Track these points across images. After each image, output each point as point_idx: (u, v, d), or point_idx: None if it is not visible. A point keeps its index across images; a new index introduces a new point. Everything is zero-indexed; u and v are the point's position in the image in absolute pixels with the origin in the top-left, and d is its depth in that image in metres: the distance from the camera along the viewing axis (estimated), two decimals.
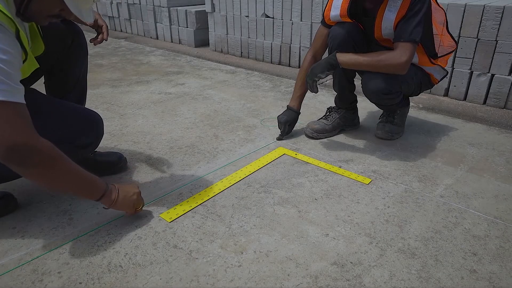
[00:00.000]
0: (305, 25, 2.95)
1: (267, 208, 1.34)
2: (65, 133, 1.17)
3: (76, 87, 1.45)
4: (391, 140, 1.84)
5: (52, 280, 1.02)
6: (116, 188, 1.15)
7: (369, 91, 1.63)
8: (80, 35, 1.39)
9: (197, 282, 1.02)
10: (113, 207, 1.16)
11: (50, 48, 1.31)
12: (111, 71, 3.05)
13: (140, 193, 1.23)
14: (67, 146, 1.16)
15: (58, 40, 1.33)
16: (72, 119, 1.20)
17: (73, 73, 1.42)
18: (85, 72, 1.50)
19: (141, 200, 1.24)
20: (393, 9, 1.49)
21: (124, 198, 1.16)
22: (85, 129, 1.22)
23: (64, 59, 1.37)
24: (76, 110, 1.23)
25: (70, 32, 1.34)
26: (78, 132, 1.20)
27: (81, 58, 1.43)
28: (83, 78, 1.49)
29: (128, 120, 2.08)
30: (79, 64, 1.43)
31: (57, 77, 1.41)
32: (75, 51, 1.39)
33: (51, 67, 1.37)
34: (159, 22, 4.19)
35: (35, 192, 1.41)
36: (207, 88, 2.65)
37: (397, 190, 1.45)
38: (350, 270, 1.07)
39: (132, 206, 1.20)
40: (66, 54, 1.37)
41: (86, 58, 1.47)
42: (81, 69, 1.45)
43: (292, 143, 1.83)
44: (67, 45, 1.35)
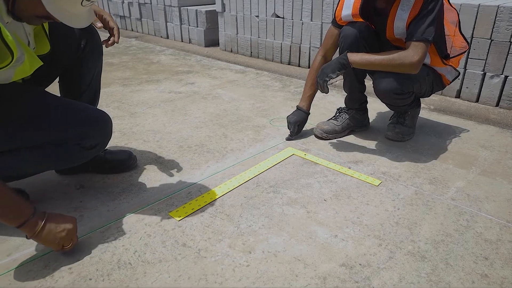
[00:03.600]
0: (315, 25, 2.94)
1: (276, 208, 1.34)
2: (72, 134, 1.17)
3: (89, 87, 1.45)
4: (401, 142, 1.82)
5: (62, 276, 1.04)
6: (44, 218, 1.03)
7: (380, 91, 1.62)
8: (94, 36, 1.38)
9: (205, 281, 1.03)
10: (35, 239, 1.02)
11: (64, 50, 1.32)
12: (122, 70, 3.08)
13: (73, 229, 1.08)
14: (75, 147, 1.18)
15: (72, 41, 1.33)
16: (79, 120, 1.19)
17: (87, 74, 1.42)
18: (99, 73, 1.50)
19: (71, 238, 1.08)
20: (406, 8, 1.47)
21: (49, 232, 1.03)
22: (93, 130, 1.21)
23: (78, 60, 1.37)
24: (84, 111, 1.23)
25: (84, 33, 1.34)
26: (85, 133, 1.19)
27: (95, 59, 1.43)
28: (97, 79, 1.49)
29: (138, 119, 2.10)
30: (93, 65, 1.43)
31: (71, 78, 1.41)
32: (89, 52, 1.39)
33: (65, 68, 1.38)
34: (170, 22, 4.22)
35: (46, 189, 1.43)
36: (217, 87, 2.65)
37: (407, 192, 1.43)
38: (359, 272, 1.06)
39: (57, 244, 1.05)
40: (80, 56, 1.37)
41: (101, 59, 1.47)
42: (95, 70, 1.45)
43: (301, 143, 1.82)
44: (81, 46, 1.36)
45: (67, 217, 1.09)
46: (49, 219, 1.04)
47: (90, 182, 1.48)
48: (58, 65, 1.36)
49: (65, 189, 1.43)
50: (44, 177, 1.47)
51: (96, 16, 1.26)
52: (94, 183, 1.47)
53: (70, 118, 1.18)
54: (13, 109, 1.13)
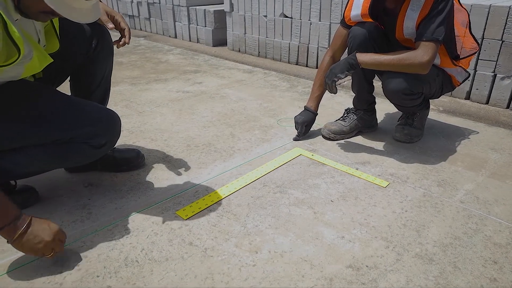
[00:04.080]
0: (324, 25, 2.93)
1: (283, 208, 1.33)
2: (81, 133, 1.18)
3: (100, 87, 1.46)
4: (410, 143, 1.80)
5: (70, 273, 1.05)
6: (25, 226, 0.99)
7: (389, 91, 1.61)
8: (105, 36, 1.39)
9: (211, 280, 1.03)
10: (13, 245, 0.99)
11: (75, 49, 1.33)
12: (131, 69, 3.10)
13: (53, 242, 1.02)
14: (82, 146, 1.19)
15: (82, 41, 1.34)
16: (88, 119, 1.20)
17: (97, 73, 1.43)
18: (110, 72, 1.50)
19: (51, 248, 1.02)
20: (416, 8, 1.46)
21: (27, 241, 0.99)
22: (101, 129, 1.21)
23: (89, 60, 1.38)
24: (94, 110, 1.23)
25: (95, 33, 1.35)
26: (94, 132, 1.20)
27: (106, 59, 1.44)
28: (107, 78, 1.50)
29: (146, 118, 2.11)
30: (104, 65, 1.44)
31: (82, 77, 1.43)
32: (100, 52, 1.39)
33: (77, 67, 1.39)
34: (178, 21, 4.23)
35: (55, 187, 1.44)
36: (224, 87, 2.66)
37: (415, 194, 1.42)
38: (366, 274, 1.05)
39: (34, 252, 1.01)
40: (91, 55, 1.38)
41: (111, 58, 1.48)
42: (105, 69, 1.46)
43: (309, 143, 1.82)
44: (92, 46, 1.36)
45: (51, 227, 1.03)
46: (29, 227, 0.99)
47: (99, 180, 1.49)
48: (70, 64, 1.37)
49: (73, 187, 1.45)
50: (53, 175, 1.49)
51: (108, 17, 1.26)
52: (102, 181, 1.49)
53: (79, 117, 1.19)
54: (24, 107, 1.14)
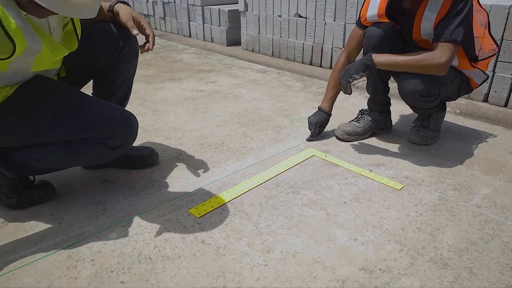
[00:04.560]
0: (339, 26, 2.91)
1: (295, 209, 1.33)
2: (97, 133, 1.20)
3: (121, 88, 1.48)
4: (425, 146, 1.78)
5: (85, 267, 1.07)
6: None
7: (405, 93, 1.59)
8: (131, 39, 1.40)
9: (223, 279, 1.03)
10: None
11: (101, 51, 1.36)
12: (146, 68, 3.13)
13: None
14: (99, 146, 1.21)
15: (110, 43, 1.36)
16: (106, 120, 1.22)
17: (120, 75, 1.45)
18: (132, 75, 1.52)
19: None
20: (434, 9, 1.44)
21: None
22: (118, 131, 1.23)
23: (113, 63, 1.40)
24: (112, 111, 1.25)
25: (121, 36, 1.36)
26: (111, 133, 1.21)
27: (130, 61, 1.45)
28: (129, 80, 1.52)
29: (161, 116, 2.13)
30: (127, 67, 1.45)
31: (105, 78, 1.44)
32: (125, 56, 1.41)
33: (101, 68, 1.41)
34: (193, 21, 4.26)
35: (71, 182, 1.47)
36: (238, 86, 2.67)
37: (431, 198, 1.40)
38: (379, 277, 1.04)
39: None
40: (116, 58, 1.40)
41: (135, 62, 1.49)
42: (128, 72, 1.47)
43: (322, 144, 1.81)
44: (118, 49, 1.38)
45: None
46: None
47: (113, 177, 1.51)
48: (94, 66, 1.39)
49: (89, 183, 1.47)
50: (69, 171, 1.52)
51: (134, 23, 1.28)
52: (117, 178, 1.51)
53: (97, 118, 1.21)
54: (45, 104, 1.17)
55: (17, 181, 1.28)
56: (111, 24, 1.35)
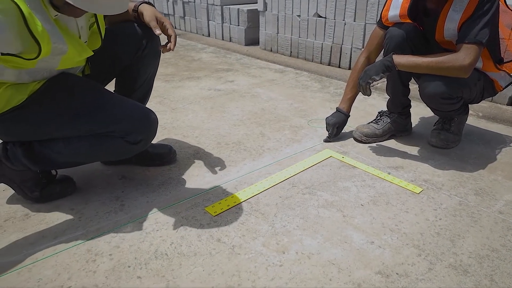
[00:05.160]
0: (358, 26, 2.88)
1: (311, 210, 1.32)
2: (118, 128, 1.22)
3: (142, 87, 1.51)
4: (446, 149, 1.74)
5: (104, 261, 1.09)
6: None
7: (427, 95, 1.55)
8: (154, 40, 1.42)
9: (238, 277, 1.04)
10: None
11: (125, 50, 1.39)
12: (165, 66, 3.17)
13: None
14: (120, 141, 1.23)
15: (133, 42, 1.39)
16: (126, 115, 1.24)
17: (142, 74, 1.48)
18: (154, 74, 1.55)
19: None
20: (459, 9, 1.40)
21: None
22: (137, 127, 1.25)
23: (135, 62, 1.43)
24: (133, 108, 1.27)
25: (145, 35, 1.39)
26: (130, 128, 1.23)
27: (152, 61, 1.47)
28: (151, 79, 1.54)
29: (179, 114, 2.15)
30: (150, 67, 1.48)
31: (127, 76, 1.47)
32: (148, 55, 1.43)
33: (124, 67, 1.44)
34: (212, 20, 4.29)
35: (91, 178, 1.50)
36: (256, 86, 2.67)
37: (451, 202, 1.37)
38: (396, 281, 1.03)
39: None
40: (139, 58, 1.42)
41: (157, 61, 1.51)
42: (150, 71, 1.50)
43: (340, 146, 1.79)
44: (141, 49, 1.41)
45: None
46: None
47: (132, 173, 1.54)
48: (118, 64, 1.42)
49: (108, 179, 1.50)
50: (90, 167, 1.55)
51: (157, 23, 1.30)
52: (135, 175, 1.53)
53: (118, 113, 1.23)
54: (70, 98, 1.20)
55: (40, 175, 1.32)
56: (135, 24, 1.38)
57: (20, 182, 1.30)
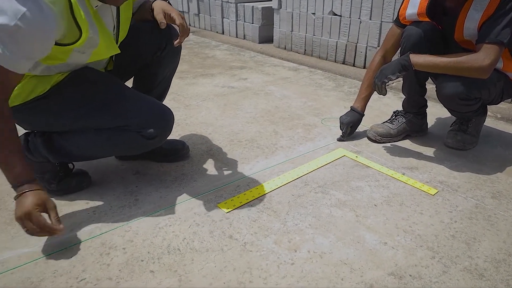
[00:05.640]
0: (374, 24, 2.84)
1: (324, 209, 1.32)
2: (134, 122, 1.23)
3: (160, 85, 1.53)
4: (462, 151, 1.71)
5: (117, 255, 1.10)
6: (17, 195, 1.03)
7: (444, 96, 1.53)
8: (174, 38, 1.42)
9: (249, 274, 1.04)
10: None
11: (146, 48, 1.41)
12: (179, 63, 3.18)
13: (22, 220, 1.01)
14: (135, 135, 1.24)
15: (153, 42, 1.40)
16: (144, 110, 1.26)
17: (159, 74, 1.49)
18: (172, 73, 1.56)
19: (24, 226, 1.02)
20: (479, 8, 1.37)
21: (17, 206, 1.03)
22: (154, 122, 1.26)
23: (155, 60, 1.45)
24: (151, 104, 1.29)
25: (166, 34, 1.40)
26: (147, 123, 1.24)
27: (171, 60, 1.49)
28: (169, 78, 1.56)
29: (192, 111, 2.16)
30: (167, 68, 1.50)
31: (146, 74, 1.49)
32: (167, 55, 1.45)
33: (144, 65, 1.46)
34: (226, 18, 4.29)
35: (106, 173, 1.52)
36: (269, 84, 2.66)
37: (467, 205, 1.34)
38: (409, 283, 1.01)
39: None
40: (159, 57, 1.44)
41: (177, 60, 1.53)
42: (169, 70, 1.52)
43: (353, 145, 1.77)
44: (161, 48, 1.42)
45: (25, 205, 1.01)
46: (20, 199, 1.02)
47: (146, 169, 1.56)
48: (139, 62, 1.45)
49: (122, 174, 1.52)
50: (105, 162, 1.58)
51: (164, 16, 1.31)
52: (149, 170, 1.55)
53: (136, 107, 1.25)
54: (92, 91, 1.23)
55: (58, 167, 1.35)
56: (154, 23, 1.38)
57: (39, 174, 1.32)
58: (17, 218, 1.01)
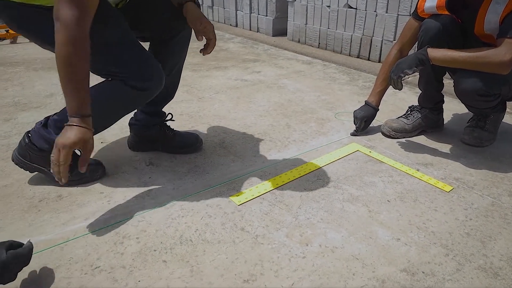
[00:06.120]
0: (391, 17, 2.79)
1: (336, 203, 1.31)
2: (130, 70, 1.23)
3: (169, 76, 1.50)
4: (479, 147, 1.67)
5: (131, 244, 1.12)
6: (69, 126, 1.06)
7: (462, 91, 1.49)
8: (185, 30, 1.45)
9: (261, 267, 1.04)
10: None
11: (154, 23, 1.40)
12: (192, 56, 3.19)
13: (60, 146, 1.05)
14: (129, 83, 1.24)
15: (169, 27, 1.41)
16: (141, 61, 1.26)
17: (170, 62, 1.49)
18: (180, 67, 1.58)
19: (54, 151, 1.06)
20: (502, 1, 1.33)
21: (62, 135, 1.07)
22: (148, 74, 1.26)
23: (164, 47, 1.45)
24: (149, 58, 1.28)
25: (180, 24, 1.39)
26: (141, 75, 1.25)
27: (183, 47, 1.50)
28: (178, 71, 1.57)
29: (206, 104, 2.17)
30: (176, 56, 1.50)
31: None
32: (179, 42, 1.46)
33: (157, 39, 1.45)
34: (240, 10, 4.27)
35: (120, 164, 1.54)
36: (283, 77, 2.65)
37: (482, 203, 1.32)
38: (421, 280, 1.00)
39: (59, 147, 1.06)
40: (168, 44, 1.45)
41: (186, 49, 1.53)
42: (179, 59, 1.52)
43: (367, 140, 1.76)
44: (174, 34, 1.43)
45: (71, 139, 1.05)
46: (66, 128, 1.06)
47: (159, 160, 1.57)
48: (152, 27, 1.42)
49: (136, 165, 1.54)
50: (118, 153, 1.60)
51: (200, 26, 1.32)
52: (162, 162, 1.56)
53: (135, 57, 1.25)
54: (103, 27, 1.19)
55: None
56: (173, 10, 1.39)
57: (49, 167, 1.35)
58: (55, 143, 1.07)
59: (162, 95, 1.41)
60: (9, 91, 2.35)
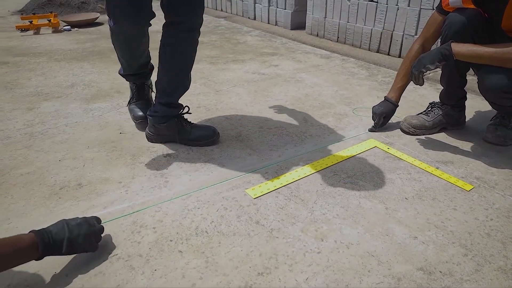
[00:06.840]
0: (413, 11, 2.72)
1: (352, 199, 1.30)
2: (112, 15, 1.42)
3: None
4: (502, 146, 1.62)
5: (148, 234, 1.14)
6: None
7: (487, 88, 1.45)
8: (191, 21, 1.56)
9: (275, 260, 1.04)
10: None
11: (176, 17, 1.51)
12: (210, 49, 3.20)
13: None
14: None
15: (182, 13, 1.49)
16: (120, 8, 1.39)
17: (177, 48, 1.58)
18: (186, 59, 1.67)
19: None
20: None
21: None
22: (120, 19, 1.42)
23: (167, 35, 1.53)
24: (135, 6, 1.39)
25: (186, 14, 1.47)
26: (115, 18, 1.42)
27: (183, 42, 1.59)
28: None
29: (223, 96, 2.17)
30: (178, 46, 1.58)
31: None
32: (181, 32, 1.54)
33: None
34: (258, 3, 4.24)
35: (138, 154, 1.57)
36: (300, 71, 2.63)
37: (504, 203, 1.28)
38: (439, 279, 0.99)
39: None
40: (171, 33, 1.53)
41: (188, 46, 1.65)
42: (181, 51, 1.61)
43: (385, 136, 1.73)
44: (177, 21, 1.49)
45: None
46: None
47: (176, 152, 1.59)
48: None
49: (154, 156, 1.56)
50: (136, 144, 1.62)
51: None
52: (179, 153, 1.58)
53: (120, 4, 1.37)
54: None
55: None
56: None
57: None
58: None
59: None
60: (32, 81, 2.41)
